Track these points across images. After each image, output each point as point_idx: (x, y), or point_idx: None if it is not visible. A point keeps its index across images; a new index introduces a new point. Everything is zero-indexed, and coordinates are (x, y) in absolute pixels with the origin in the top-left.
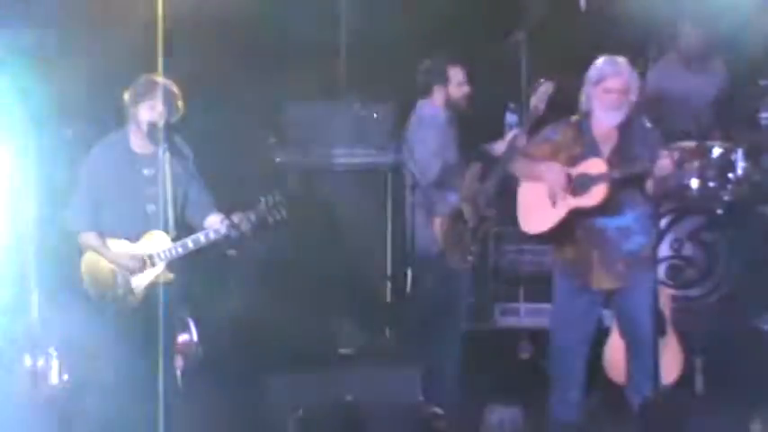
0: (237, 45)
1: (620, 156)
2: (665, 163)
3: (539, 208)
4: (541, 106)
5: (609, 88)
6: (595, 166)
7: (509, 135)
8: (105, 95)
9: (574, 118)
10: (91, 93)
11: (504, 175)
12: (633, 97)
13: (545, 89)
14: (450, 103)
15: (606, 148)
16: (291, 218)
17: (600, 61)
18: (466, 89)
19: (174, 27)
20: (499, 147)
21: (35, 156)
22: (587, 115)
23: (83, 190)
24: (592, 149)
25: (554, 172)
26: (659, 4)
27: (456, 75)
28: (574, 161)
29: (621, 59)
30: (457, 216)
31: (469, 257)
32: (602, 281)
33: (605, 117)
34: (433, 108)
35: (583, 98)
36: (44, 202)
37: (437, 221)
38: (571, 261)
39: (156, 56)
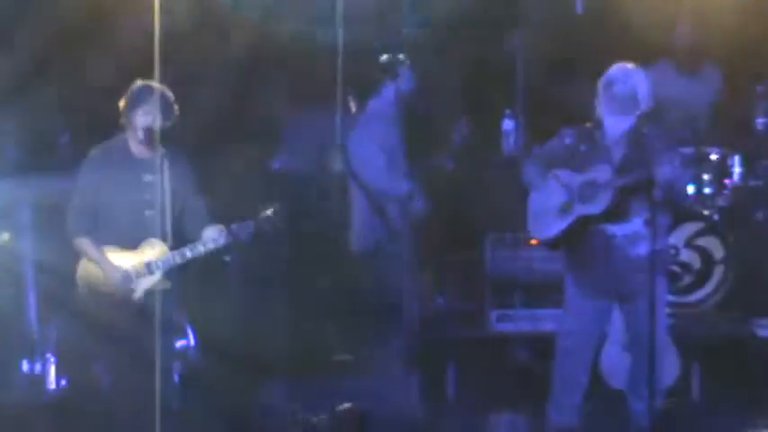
0: (233, 51)
1: (630, 163)
2: (664, 169)
3: (546, 215)
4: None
5: (615, 94)
6: (603, 172)
7: None
8: (103, 100)
9: (589, 124)
10: (89, 97)
11: None
12: (643, 105)
13: None
14: (399, 98)
15: (618, 155)
16: (287, 225)
17: (612, 67)
18: (413, 84)
19: (170, 32)
20: None
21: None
22: (600, 122)
23: (81, 193)
24: (604, 156)
25: (561, 180)
26: (656, 7)
27: (404, 72)
28: (586, 167)
29: (632, 66)
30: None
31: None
32: (612, 287)
33: (613, 122)
34: (380, 102)
35: (597, 104)
36: (41, 205)
37: (390, 208)
38: (582, 269)
39: (153, 61)
